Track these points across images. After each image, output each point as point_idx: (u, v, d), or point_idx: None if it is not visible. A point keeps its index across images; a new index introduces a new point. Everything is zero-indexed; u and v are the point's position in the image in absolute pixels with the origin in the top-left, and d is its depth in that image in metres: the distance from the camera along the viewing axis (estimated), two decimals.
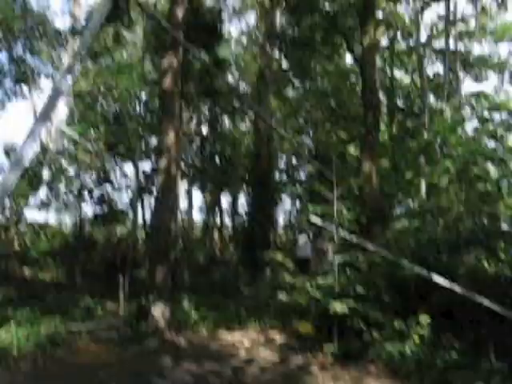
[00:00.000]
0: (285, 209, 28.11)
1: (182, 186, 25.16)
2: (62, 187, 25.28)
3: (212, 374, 9.37)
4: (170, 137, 12.76)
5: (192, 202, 27.16)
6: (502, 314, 8.98)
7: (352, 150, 23.64)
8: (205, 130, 26.72)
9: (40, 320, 12.28)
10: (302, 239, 17.49)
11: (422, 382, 8.40)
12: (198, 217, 31.28)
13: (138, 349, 10.88)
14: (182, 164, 22.67)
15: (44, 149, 22.97)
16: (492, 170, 15.56)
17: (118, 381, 8.59)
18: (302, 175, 27.65)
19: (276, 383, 8.91)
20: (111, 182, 23.85)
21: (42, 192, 24.65)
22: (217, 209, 28.58)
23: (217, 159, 25.82)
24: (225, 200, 29.63)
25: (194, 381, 8.94)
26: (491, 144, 17.75)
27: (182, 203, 26.54)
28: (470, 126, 18.90)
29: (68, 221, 27.65)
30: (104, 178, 23.58)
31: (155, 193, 13.94)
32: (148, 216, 22.52)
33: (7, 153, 23.33)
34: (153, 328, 11.72)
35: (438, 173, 18.53)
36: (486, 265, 11.72)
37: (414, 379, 8.63)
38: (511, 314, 8.76)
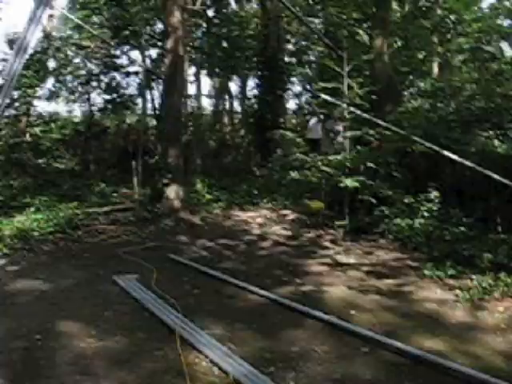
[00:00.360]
0: (295, 92, 27.74)
1: (190, 71, 24.79)
2: (68, 77, 24.98)
3: (226, 248, 9.74)
4: (176, 16, 12.40)
5: (201, 87, 26.81)
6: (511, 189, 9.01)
7: (363, 31, 22.84)
8: (211, 12, 25.80)
9: (58, 206, 12.57)
10: (313, 121, 17.38)
11: (431, 253, 8.64)
12: (207, 103, 31.01)
13: (154, 228, 11.24)
14: (189, 48, 22.11)
15: (47, 36, 22.39)
16: (507, 48, 15.11)
17: (136, 257, 8.90)
18: (312, 57, 26.97)
19: (288, 255, 9.23)
20: (118, 69, 23.44)
21: (50, 83, 24.43)
22: (226, 94, 28.27)
23: (224, 43, 25.14)
24: (234, 85, 29.23)
25: (209, 254, 9.31)
26: (507, 22, 17.14)
27: (192, 89, 26.26)
28: (486, 2, 18.24)
29: (78, 110, 27.58)
30: (111, 65, 23.15)
31: (163, 76, 13.73)
32: (157, 102, 22.33)
33: (10, 43, 22.78)
34: (168, 209, 12.01)
35: (451, 51, 18.03)
36: (496, 144, 11.69)
37: (423, 250, 8.89)
38: None
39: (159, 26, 22.88)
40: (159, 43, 22.26)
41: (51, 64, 23.62)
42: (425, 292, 6.98)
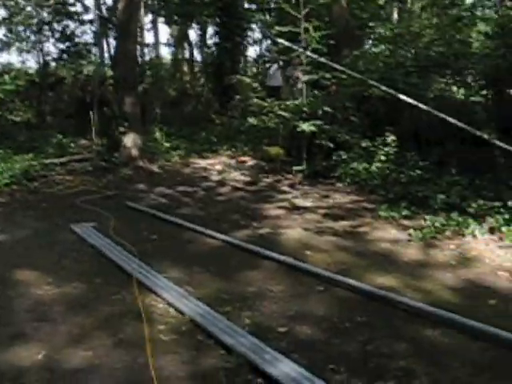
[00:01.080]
0: (255, 39, 27.38)
1: (147, 19, 24.28)
2: (20, 27, 24.15)
3: (185, 195, 9.77)
4: None
5: (158, 35, 26.34)
6: (467, 132, 9.13)
7: None
8: None
9: (13, 158, 12.30)
10: (273, 68, 17.22)
11: (386, 195, 8.81)
12: (166, 52, 30.44)
13: (112, 177, 11.16)
14: None
15: None
16: None
17: (93, 206, 8.84)
18: (272, 4, 26.48)
19: (246, 200, 9.32)
20: (72, 17, 22.70)
21: (1, 33, 23.63)
22: (185, 42, 27.72)
23: None
24: (193, 33, 28.65)
25: (168, 201, 9.33)
26: None
27: (150, 38, 25.64)
28: None
29: (32, 61, 26.76)
30: (63, 13, 22.38)
31: (117, 22, 13.38)
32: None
33: None
34: (125, 157, 11.91)
35: None
36: (454, 89, 11.81)
37: (379, 193, 9.06)
38: (476, 132, 8.93)
39: None
40: None
41: (1, 13, 22.80)
42: (379, 232, 7.13)
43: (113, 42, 22.09)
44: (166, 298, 4.89)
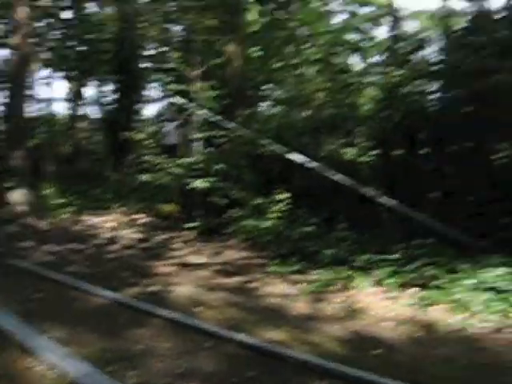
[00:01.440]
0: (153, 97, 27.54)
1: (44, 73, 23.86)
2: None
3: (74, 252, 9.44)
4: (23, 11, 11.82)
5: (54, 91, 25.94)
6: (355, 190, 9.54)
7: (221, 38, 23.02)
8: (68, 14, 24.81)
9: None
10: (170, 127, 17.37)
11: (278, 251, 8.95)
12: (63, 107, 29.95)
13: None
14: (43, 49, 21.19)
15: None
16: (355, 61, 16.01)
17: None
18: (171, 64, 26.78)
19: (138, 258, 9.14)
20: None
21: None
22: (83, 98, 27.42)
23: (81, 45, 24.30)
24: (91, 90, 28.44)
25: (56, 259, 8.96)
26: (356, 36, 18.22)
27: (48, 92, 25.08)
28: (338, 19, 19.36)
29: None
30: None
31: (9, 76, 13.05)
32: None
33: None
34: (12, 214, 11.43)
35: (303, 61, 18.81)
36: (345, 150, 12.37)
37: (271, 249, 9.18)
38: (363, 190, 9.34)
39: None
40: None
41: None
42: (270, 287, 7.20)
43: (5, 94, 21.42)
44: (47, 359, 4.63)
